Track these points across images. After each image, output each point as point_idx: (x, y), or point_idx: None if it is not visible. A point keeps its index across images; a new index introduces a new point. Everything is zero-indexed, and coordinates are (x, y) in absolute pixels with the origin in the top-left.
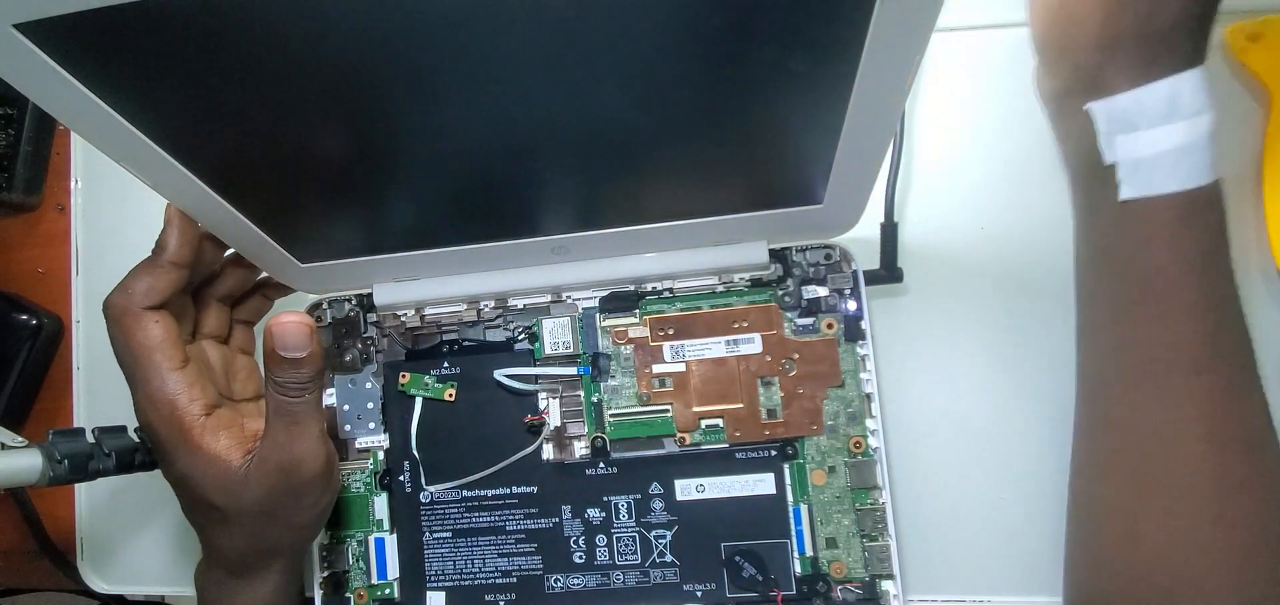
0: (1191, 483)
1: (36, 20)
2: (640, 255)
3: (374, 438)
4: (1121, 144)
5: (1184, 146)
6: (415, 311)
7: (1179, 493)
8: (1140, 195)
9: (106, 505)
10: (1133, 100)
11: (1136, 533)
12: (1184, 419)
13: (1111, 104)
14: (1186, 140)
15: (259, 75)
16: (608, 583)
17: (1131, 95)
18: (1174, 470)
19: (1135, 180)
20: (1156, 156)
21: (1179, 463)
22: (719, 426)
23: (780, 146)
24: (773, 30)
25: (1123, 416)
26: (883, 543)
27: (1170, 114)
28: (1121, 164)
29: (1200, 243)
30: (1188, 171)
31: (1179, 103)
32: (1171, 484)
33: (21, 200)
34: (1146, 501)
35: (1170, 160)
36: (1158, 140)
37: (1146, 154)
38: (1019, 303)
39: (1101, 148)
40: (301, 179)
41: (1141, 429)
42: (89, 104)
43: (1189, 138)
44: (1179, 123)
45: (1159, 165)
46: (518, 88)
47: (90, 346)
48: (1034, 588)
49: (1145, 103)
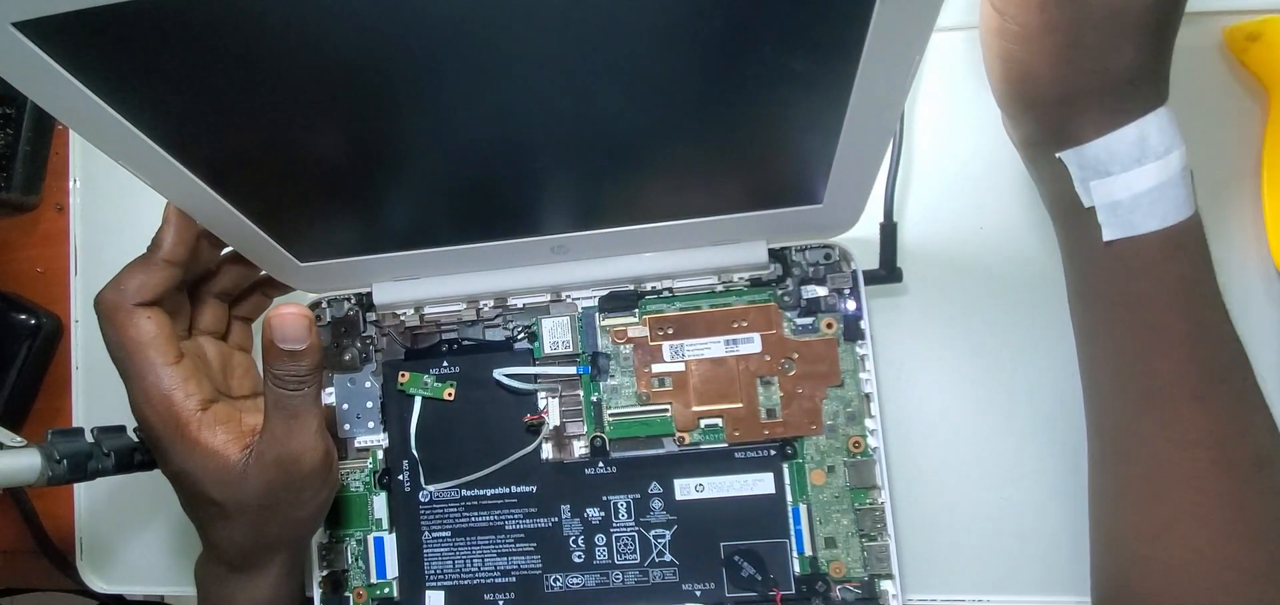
0: (1204, 505)
1: (36, 19)
2: (640, 255)
3: (373, 437)
4: (1097, 189)
5: (1159, 186)
6: (414, 311)
7: (1194, 517)
8: (1123, 236)
9: (105, 505)
10: (1102, 147)
11: (1154, 557)
12: (1190, 444)
13: (1082, 152)
14: (1160, 180)
15: (258, 74)
16: (607, 582)
17: (1100, 143)
18: (1186, 495)
19: (1115, 222)
20: (1133, 198)
21: (1190, 487)
22: (718, 426)
23: (780, 146)
24: (773, 30)
25: (1131, 447)
26: (882, 542)
27: (1141, 156)
28: (1100, 208)
29: (1185, 275)
30: (1166, 208)
31: (1147, 144)
32: (1185, 509)
33: (20, 200)
34: (1162, 527)
35: (1148, 200)
36: (1132, 183)
37: (1123, 197)
38: (1018, 302)
39: (1078, 193)
40: (301, 178)
41: (1150, 458)
42: (89, 103)
43: (1162, 176)
44: (1150, 164)
45: (1137, 206)
46: (517, 86)
47: (89, 346)
48: (1033, 587)
49: (1114, 148)
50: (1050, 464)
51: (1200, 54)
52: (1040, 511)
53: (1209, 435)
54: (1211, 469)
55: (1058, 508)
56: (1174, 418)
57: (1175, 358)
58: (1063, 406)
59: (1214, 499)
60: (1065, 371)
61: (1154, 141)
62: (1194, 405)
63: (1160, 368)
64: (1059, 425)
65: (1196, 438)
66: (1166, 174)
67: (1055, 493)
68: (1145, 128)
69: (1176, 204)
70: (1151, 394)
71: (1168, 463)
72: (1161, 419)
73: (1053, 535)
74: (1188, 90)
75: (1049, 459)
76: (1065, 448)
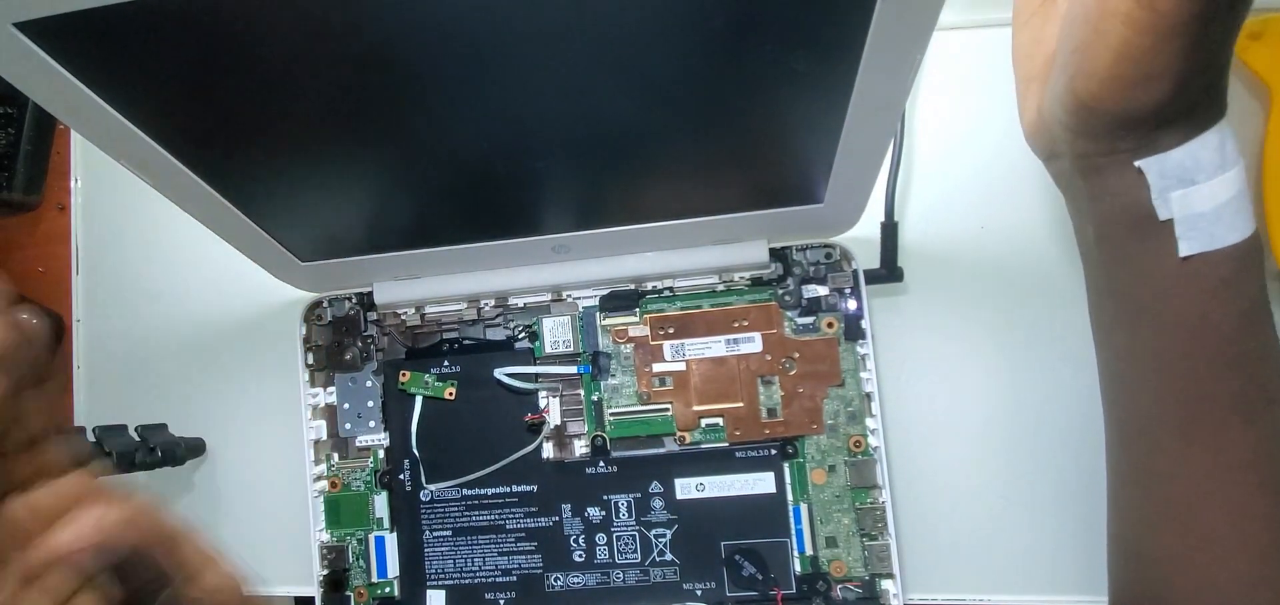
0: (1247, 528)
1: (37, 19)
2: (640, 254)
3: (374, 436)
4: (1178, 200)
5: (1237, 197)
6: (415, 310)
7: (1235, 540)
8: (1201, 250)
9: None
10: (1187, 154)
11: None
12: (1237, 466)
13: (1165, 160)
14: (1237, 190)
15: (259, 74)
16: (607, 581)
17: (1186, 149)
18: (1229, 518)
19: (1194, 236)
20: (1216, 210)
21: (1234, 510)
22: (719, 425)
23: (781, 146)
24: (774, 30)
25: (1169, 468)
26: (882, 542)
27: (1223, 163)
28: (1179, 221)
29: (1251, 293)
30: (1244, 220)
31: (1227, 151)
32: (1226, 532)
33: (22, 199)
34: (1200, 551)
35: (1229, 211)
36: (1215, 193)
37: (1205, 208)
38: (1019, 302)
39: (1155, 204)
40: (302, 178)
41: (1190, 479)
42: (89, 103)
43: (1238, 187)
44: (1230, 173)
45: (1219, 218)
46: (518, 86)
47: (91, 346)
48: (1033, 587)
49: (1199, 155)
50: (1051, 463)
51: None
52: (1040, 511)
53: (1257, 457)
54: (1257, 492)
55: (1058, 507)
56: (1223, 442)
57: (1232, 379)
58: (1063, 405)
59: (1258, 522)
60: (1066, 371)
61: (1231, 150)
62: (1246, 429)
63: (1215, 389)
64: (1059, 424)
65: (1244, 460)
66: (1241, 183)
67: (1056, 492)
68: (1225, 134)
69: (1250, 216)
70: (1201, 416)
71: (1211, 484)
72: (1208, 443)
73: (1053, 534)
74: None
75: (1049, 458)
76: (1066, 447)
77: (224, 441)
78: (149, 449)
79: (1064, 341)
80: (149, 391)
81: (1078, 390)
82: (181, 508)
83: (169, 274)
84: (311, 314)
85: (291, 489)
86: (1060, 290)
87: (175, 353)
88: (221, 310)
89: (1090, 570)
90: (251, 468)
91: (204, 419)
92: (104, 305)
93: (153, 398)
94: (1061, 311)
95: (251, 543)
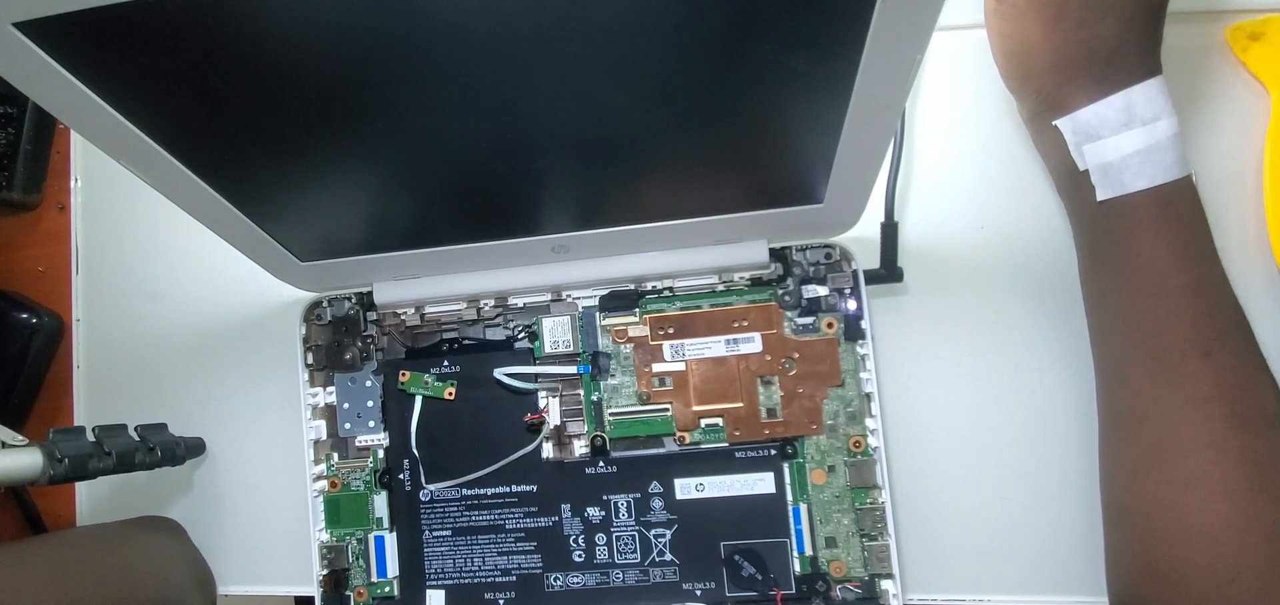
0: (1222, 464)
1: (36, 19)
2: (640, 254)
3: (374, 436)
4: (1089, 151)
5: (1147, 148)
6: (415, 310)
7: (1214, 479)
8: (1114, 195)
9: (107, 504)
10: (1092, 113)
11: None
12: (1203, 399)
13: (1075, 118)
14: (1147, 143)
15: (259, 74)
16: (607, 582)
17: (1091, 109)
18: (1203, 455)
19: (1107, 182)
20: (1122, 159)
21: (1207, 447)
22: (719, 426)
23: (781, 146)
24: (773, 30)
25: (1145, 411)
26: (882, 542)
27: (1128, 122)
28: (1093, 169)
29: (1181, 230)
30: (1154, 169)
31: (1134, 111)
32: (1203, 470)
33: (21, 199)
34: (1181, 492)
35: (1136, 161)
36: (1121, 145)
37: (1112, 158)
38: (1019, 302)
39: (1073, 157)
40: (301, 178)
41: (1163, 420)
42: (89, 103)
43: (1149, 140)
44: (1137, 129)
45: (1126, 166)
46: (518, 86)
47: (90, 345)
48: (1033, 587)
49: (1103, 114)
50: (1051, 463)
51: (1202, 54)
52: (1040, 511)
53: (1219, 390)
54: (1225, 425)
55: (1058, 507)
56: (1185, 375)
57: (1180, 312)
58: (1064, 405)
59: (1233, 458)
60: (1066, 370)
61: (1140, 109)
62: (1203, 361)
63: (1167, 324)
64: (1060, 424)
65: (1207, 393)
66: (1154, 138)
67: (1056, 492)
68: (1131, 97)
69: (1165, 165)
70: (1161, 353)
71: (1182, 422)
72: (1173, 377)
73: (1053, 535)
74: (1189, 90)
75: (1049, 458)
76: (1066, 447)
77: (224, 441)
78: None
79: (1064, 341)
80: (149, 391)
81: (1078, 390)
82: (181, 508)
83: (169, 274)
84: (311, 314)
85: (291, 489)
86: (1060, 290)
87: (175, 352)
88: (221, 310)
89: (1090, 570)
90: (251, 467)
91: (204, 419)
92: (104, 305)
93: (152, 397)
94: (1061, 311)
95: (251, 542)
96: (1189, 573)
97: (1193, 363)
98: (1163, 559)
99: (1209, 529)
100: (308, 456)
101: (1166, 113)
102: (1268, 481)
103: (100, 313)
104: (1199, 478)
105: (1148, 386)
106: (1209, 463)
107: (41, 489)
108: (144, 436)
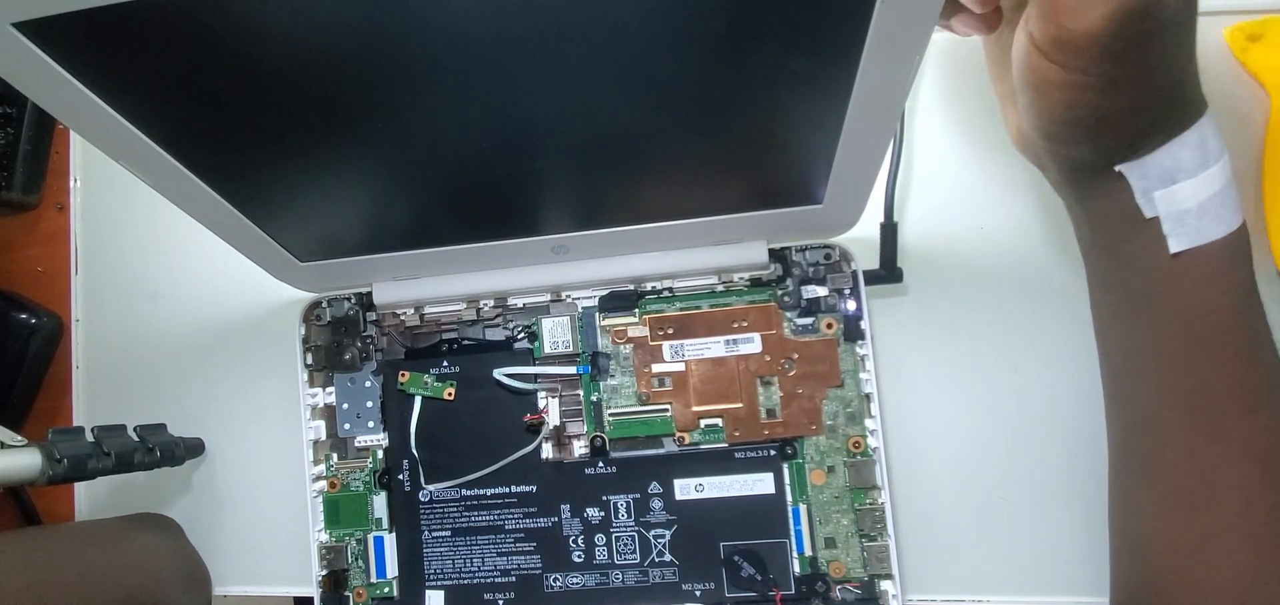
0: (1250, 519)
1: (36, 19)
2: (640, 254)
3: (373, 436)
4: (1161, 199)
5: (1222, 190)
6: (415, 310)
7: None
8: (1190, 245)
9: (106, 504)
10: (1167, 155)
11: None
12: (1239, 456)
13: (1145, 164)
14: (1222, 184)
15: (258, 75)
16: (606, 582)
17: (1165, 150)
18: (1231, 508)
19: (1182, 232)
20: (1200, 205)
21: (1237, 500)
22: (718, 426)
23: (780, 146)
24: (773, 30)
25: (1174, 459)
26: (882, 542)
27: (1204, 161)
28: (1165, 218)
29: (1244, 283)
30: (1230, 213)
31: (1208, 148)
32: (1232, 523)
33: (21, 199)
34: (1204, 541)
35: (1214, 206)
36: (1199, 190)
37: (1190, 205)
38: (1018, 303)
39: (1140, 205)
40: (301, 178)
41: (1195, 471)
42: (88, 103)
43: (1222, 181)
44: (1212, 168)
45: (1205, 213)
46: (518, 87)
47: (90, 345)
48: (1033, 587)
49: (1179, 156)
50: (1050, 464)
51: (1201, 55)
52: (1040, 511)
53: (1259, 448)
54: (1260, 482)
55: (1057, 508)
56: (1226, 430)
57: (1232, 368)
58: (1063, 406)
59: (1262, 513)
60: (1065, 371)
61: (1212, 146)
62: (1247, 418)
63: (1216, 379)
64: (1059, 425)
65: (1246, 450)
66: (1225, 178)
67: (1055, 493)
68: (1204, 132)
69: (1236, 208)
70: (1203, 407)
71: (1216, 475)
72: (1212, 431)
73: (1053, 535)
74: None
75: (1048, 459)
76: (1064, 447)
77: (223, 442)
78: (148, 449)
79: (1063, 342)
80: (148, 391)
81: (1077, 391)
82: (180, 508)
83: (168, 274)
84: (311, 314)
85: (290, 489)
86: (1059, 291)
87: (174, 353)
88: (220, 310)
89: (1090, 571)
90: (250, 468)
91: (203, 419)
92: (103, 305)
93: (152, 398)
94: (1061, 312)
95: (250, 543)
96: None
97: (1233, 418)
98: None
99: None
100: (307, 457)
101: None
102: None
103: (99, 313)
104: (1226, 529)
105: (1181, 438)
106: (1236, 516)
107: (41, 489)
108: (143, 437)
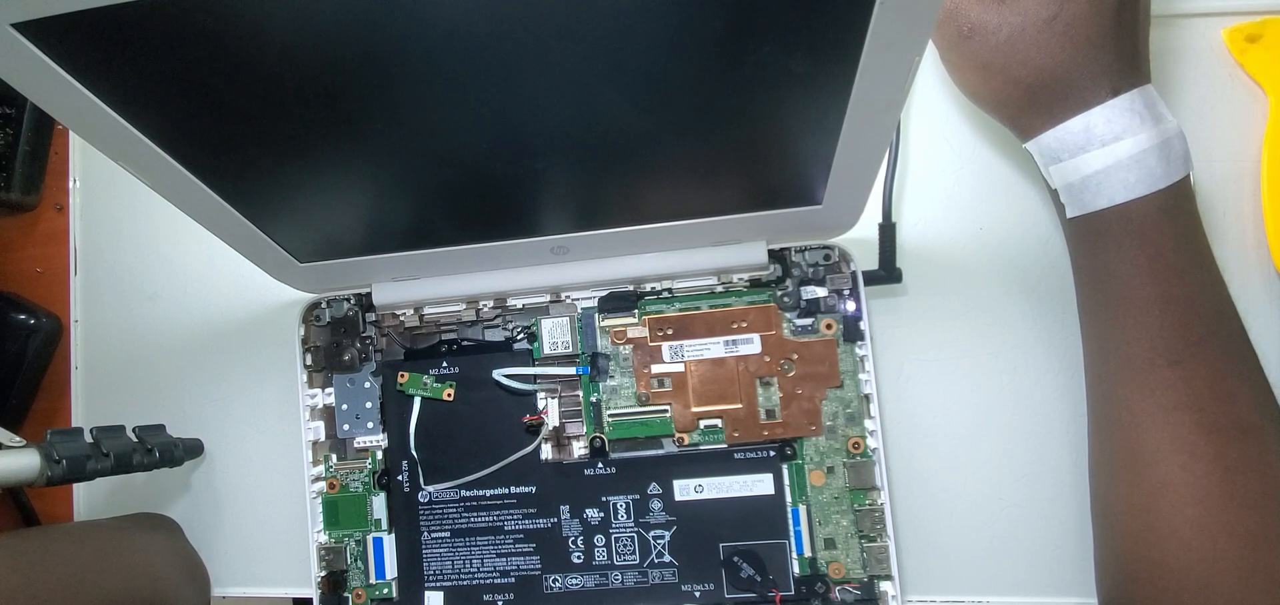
0: (1193, 469)
1: (35, 20)
2: (639, 255)
3: (372, 437)
4: (1055, 172)
5: (1105, 169)
6: (414, 311)
7: (1186, 484)
8: (1079, 213)
9: (104, 505)
10: (1052, 138)
11: (1148, 527)
12: (1172, 406)
13: (1039, 142)
14: (1106, 164)
15: (258, 75)
16: (606, 583)
17: (1051, 134)
18: (1175, 460)
19: (1073, 201)
20: (1083, 180)
21: (1178, 452)
22: (718, 427)
23: (780, 147)
24: (772, 31)
25: (1120, 416)
26: (881, 543)
27: (1087, 144)
28: (1060, 189)
29: (1144, 246)
30: (1115, 188)
31: (1093, 133)
32: (1174, 475)
33: (20, 200)
34: (1153, 495)
35: (1096, 181)
36: (1080, 167)
37: (1074, 179)
38: (1017, 303)
39: (1044, 176)
40: (300, 179)
41: (1135, 425)
42: (88, 104)
43: (1108, 161)
44: (1095, 151)
45: (1087, 186)
46: (517, 87)
47: (89, 346)
48: (1032, 588)
49: (1062, 138)
50: (1050, 464)
51: (1200, 56)
52: (1040, 511)
53: (1190, 398)
54: (1196, 432)
55: (1057, 508)
56: (1155, 383)
57: (1145, 322)
58: (1062, 406)
59: (1205, 464)
60: (1064, 371)
61: (1100, 131)
62: (1172, 370)
63: (1135, 334)
64: (1058, 425)
65: (1177, 401)
66: (1113, 159)
67: (1055, 493)
68: (1090, 120)
69: (1125, 184)
70: (1132, 361)
71: (1152, 428)
72: (1143, 385)
73: (1052, 535)
74: (1187, 92)
75: (1048, 459)
76: (1064, 447)
77: (222, 442)
78: (147, 450)
79: (1062, 343)
80: (147, 392)
81: (1076, 391)
82: (179, 509)
83: (167, 274)
84: (310, 315)
85: (289, 490)
86: (1058, 292)
87: (173, 353)
88: (220, 311)
89: (1089, 571)
90: (249, 469)
91: (202, 420)
92: (102, 306)
93: (151, 398)
94: (1060, 312)
95: (249, 544)
96: (1165, 575)
97: (1161, 371)
98: (1141, 561)
99: (1182, 533)
100: (306, 457)
101: (1131, 131)
102: (1240, 488)
103: (98, 314)
104: (1171, 483)
105: (1120, 391)
106: (1180, 468)
107: (39, 491)
108: (142, 438)
